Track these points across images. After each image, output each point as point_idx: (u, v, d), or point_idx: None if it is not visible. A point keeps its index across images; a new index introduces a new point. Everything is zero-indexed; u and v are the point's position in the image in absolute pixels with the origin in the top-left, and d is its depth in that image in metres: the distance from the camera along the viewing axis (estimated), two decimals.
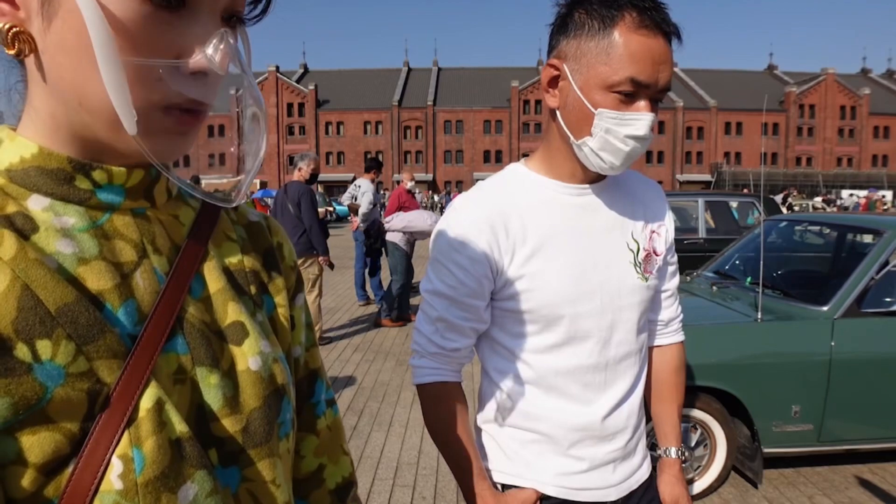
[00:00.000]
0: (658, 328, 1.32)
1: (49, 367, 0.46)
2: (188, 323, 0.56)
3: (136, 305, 0.53)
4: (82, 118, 0.51)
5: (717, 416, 3.22)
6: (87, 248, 0.52)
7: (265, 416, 0.59)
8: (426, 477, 3.47)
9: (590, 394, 1.14)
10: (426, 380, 1.17)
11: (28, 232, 0.50)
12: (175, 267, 0.58)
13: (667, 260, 1.25)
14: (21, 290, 0.46)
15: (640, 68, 0.99)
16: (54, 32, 0.48)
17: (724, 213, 8.02)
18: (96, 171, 0.54)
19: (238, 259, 0.66)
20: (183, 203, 0.64)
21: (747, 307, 3.49)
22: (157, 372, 0.52)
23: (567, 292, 1.10)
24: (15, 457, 0.44)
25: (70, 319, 0.48)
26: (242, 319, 0.60)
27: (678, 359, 1.33)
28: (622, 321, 1.15)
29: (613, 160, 1.05)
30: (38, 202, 0.52)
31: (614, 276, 1.14)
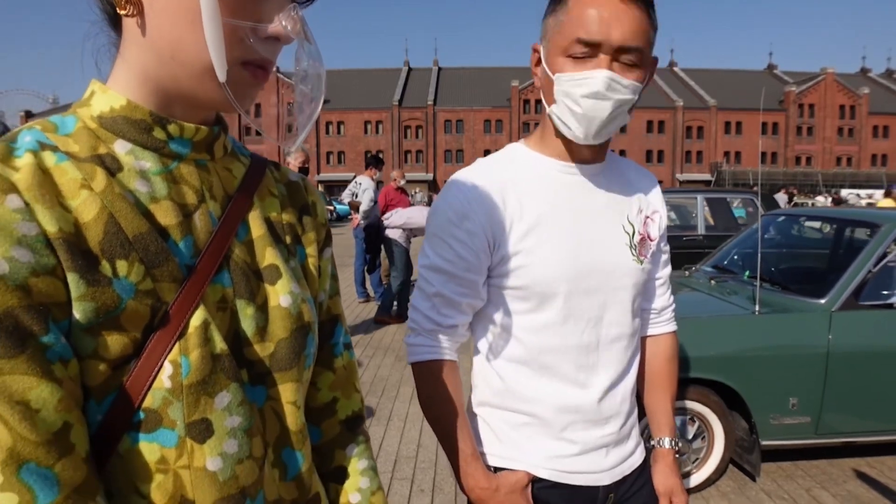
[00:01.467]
0: (651, 317, 1.32)
1: (124, 283, 0.56)
2: (233, 261, 0.66)
3: (193, 241, 0.63)
4: (172, 70, 0.60)
5: (715, 409, 3.22)
6: (159, 189, 0.62)
7: (291, 346, 0.68)
8: (425, 470, 3.48)
9: (582, 375, 1.14)
10: (421, 357, 1.16)
11: (114, 170, 0.60)
12: (226, 212, 0.68)
13: (660, 247, 1.26)
14: (107, 218, 0.57)
15: (585, 28, 1.01)
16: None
17: (724, 211, 8.03)
18: (171, 125, 0.64)
19: (277, 212, 0.76)
20: (236, 159, 0.74)
21: (745, 300, 3.49)
22: (206, 298, 0.62)
23: (562, 269, 1.10)
24: (92, 352, 0.55)
25: (143, 246, 0.58)
26: (277, 263, 0.70)
27: (671, 348, 1.34)
28: (616, 302, 1.15)
29: (576, 124, 1.05)
30: (123, 146, 0.62)
31: (610, 255, 1.14)
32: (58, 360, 0.52)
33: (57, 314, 0.52)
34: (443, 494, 3.22)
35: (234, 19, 0.58)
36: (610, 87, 1.01)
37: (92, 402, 0.55)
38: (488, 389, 1.20)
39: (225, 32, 0.57)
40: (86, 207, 0.56)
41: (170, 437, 0.58)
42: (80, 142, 0.60)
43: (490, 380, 1.19)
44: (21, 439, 0.48)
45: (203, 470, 0.60)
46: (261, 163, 0.78)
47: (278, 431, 0.69)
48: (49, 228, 0.53)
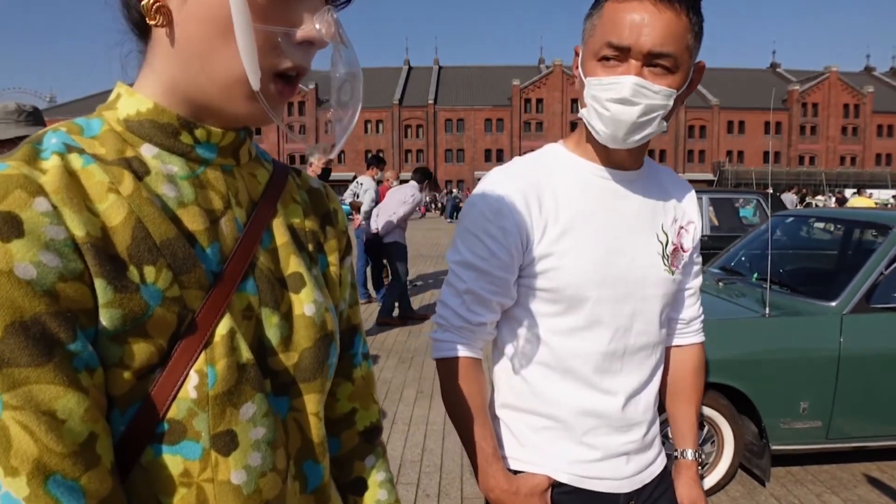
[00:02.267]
0: (679, 327, 1.31)
1: (152, 289, 0.55)
2: (258, 269, 0.65)
3: (220, 247, 0.62)
4: (200, 82, 0.60)
5: (725, 413, 3.18)
6: (186, 194, 0.61)
7: (315, 356, 0.67)
8: (430, 475, 3.44)
9: (606, 381, 1.13)
10: (448, 354, 1.14)
11: (142, 174, 0.59)
12: (251, 219, 0.67)
13: (692, 258, 1.25)
14: (135, 223, 0.55)
15: (616, 32, 1.01)
16: (191, 6, 0.57)
17: (729, 211, 7.99)
18: (198, 129, 0.63)
19: (300, 219, 0.75)
20: (260, 165, 0.74)
21: (754, 303, 3.45)
22: (231, 306, 0.61)
23: (593, 275, 1.09)
24: (118, 360, 0.53)
25: (171, 252, 0.57)
26: (301, 271, 0.69)
27: (697, 359, 1.32)
28: (644, 311, 1.14)
29: (602, 127, 1.05)
30: (149, 150, 0.61)
31: (641, 264, 1.13)
32: (84, 369, 0.51)
33: (84, 321, 0.51)
34: (448, 499, 3.19)
35: (266, 24, 0.57)
36: (637, 93, 1.00)
37: (116, 411, 0.54)
38: (510, 391, 1.19)
39: (256, 39, 0.56)
40: (113, 211, 0.55)
41: (194, 449, 0.57)
42: (106, 144, 0.59)
43: (512, 381, 1.18)
44: (47, 451, 0.47)
45: (227, 483, 0.58)
46: (283, 169, 0.77)
47: (300, 443, 0.68)
48: (77, 232, 0.52)
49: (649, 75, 1.01)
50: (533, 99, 65.94)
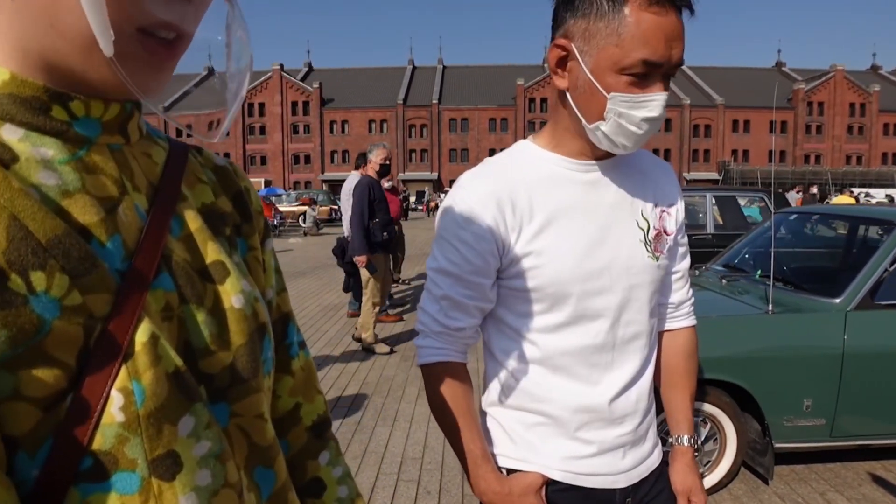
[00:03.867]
0: (668, 311, 1.28)
1: (44, 299, 0.44)
2: (173, 261, 0.56)
3: (122, 241, 0.52)
4: (54, 42, 0.47)
5: (728, 411, 3.16)
6: (70, 181, 0.50)
7: (251, 352, 0.59)
8: (431, 472, 3.43)
9: (597, 374, 1.11)
10: (430, 360, 1.14)
11: (8, 161, 0.47)
12: (154, 205, 0.56)
13: (677, 240, 1.22)
14: (9, 220, 0.44)
15: (652, 49, 0.95)
16: None
17: (733, 210, 7.96)
18: (74, 101, 0.51)
19: (211, 200, 0.65)
20: (153, 143, 0.62)
21: (758, 300, 3.43)
22: (148, 308, 0.51)
23: (575, 270, 1.06)
24: (12, 392, 0.43)
25: (62, 252, 0.46)
26: (222, 259, 0.60)
27: (690, 343, 1.29)
28: (631, 300, 1.11)
29: (627, 143, 1.02)
30: (13, 132, 0.49)
31: (623, 253, 1.10)
32: None
33: None
34: (449, 496, 3.18)
35: None
36: (664, 109, 1.00)
37: (22, 454, 0.44)
38: (501, 390, 1.17)
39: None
40: None
41: (130, 480, 0.47)
42: None
43: (503, 380, 1.16)
44: None
45: None
46: (181, 147, 0.67)
47: (247, 450, 0.60)
48: None
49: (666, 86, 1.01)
50: (537, 98, 65.87)
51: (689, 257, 1.29)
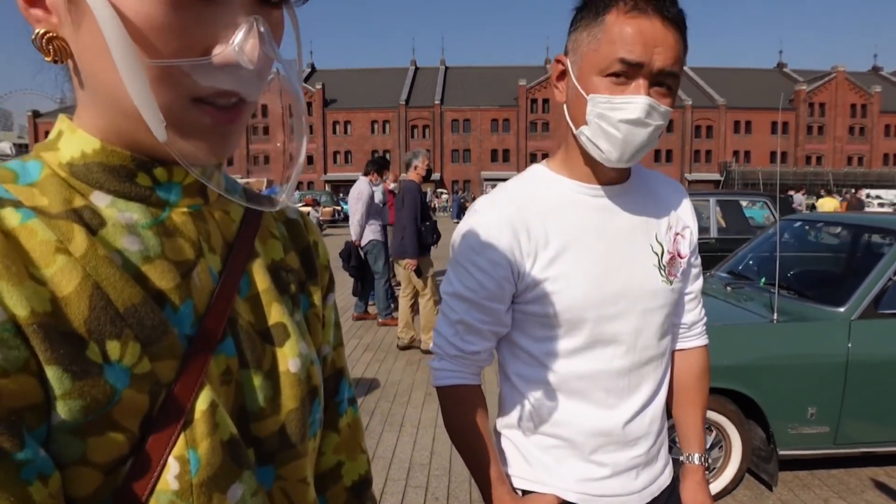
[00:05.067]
0: (681, 331, 1.30)
1: (117, 368, 0.46)
2: (238, 325, 0.57)
3: (193, 306, 0.53)
4: (126, 122, 0.50)
5: (733, 418, 3.19)
6: (152, 246, 0.52)
7: (301, 417, 0.60)
8: (439, 477, 3.46)
9: (613, 398, 1.13)
10: (445, 382, 1.16)
11: (96, 227, 0.50)
12: (227, 266, 0.58)
13: (690, 262, 1.23)
14: (92, 289, 0.46)
15: (629, 48, 0.97)
16: (83, 35, 0.46)
17: (736, 213, 7.97)
18: (157, 168, 0.54)
19: (280, 257, 0.67)
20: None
21: (762, 308, 3.46)
22: (209, 373, 0.52)
23: (590, 296, 1.08)
24: (79, 457, 0.45)
25: (137, 320, 0.48)
26: (284, 321, 0.61)
27: (702, 362, 1.31)
28: (646, 325, 1.13)
29: (610, 148, 1.02)
30: (101, 198, 0.51)
31: (638, 279, 1.12)
32: (36, 478, 0.42)
33: (32, 420, 0.42)
34: (458, 502, 3.21)
35: (163, 58, 0.45)
36: (649, 115, 0.99)
37: None
38: (516, 412, 1.19)
39: (154, 76, 0.45)
40: (64, 277, 0.45)
41: None
42: (49, 193, 0.49)
43: (518, 402, 1.18)
44: None
45: None
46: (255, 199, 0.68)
47: None
48: (19, 311, 0.42)
49: (655, 94, 0.99)
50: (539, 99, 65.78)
51: (702, 278, 1.31)
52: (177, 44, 0.45)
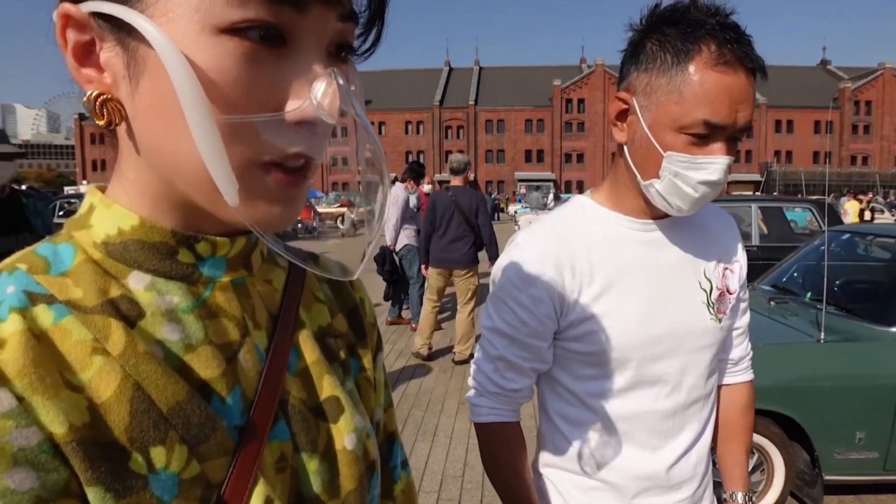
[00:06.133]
0: (728, 367, 1.26)
1: (164, 477, 0.42)
2: (289, 405, 0.53)
3: (242, 392, 0.49)
4: (179, 187, 0.46)
5: (776, 441, 3.09)
6: (194, 332, 0.48)
7: (360, 497, 0.56)
8: (471, 491, 3.43)
9: (657, 440, 1.09)
10: (484, 419, 1.14)
11: (134, 318, 0.46)
12: (274, 342, 0.54)
13: (739, 297, 1.19)
14: (133, 391, 0.43)
15: (715, 109, 0.92)
16: (142, 95, 0.43)
17: (778, 219, 7.75)
18: (200, 243, 0.49)
19: (328, 322, 0.62)
20: (274, 265, 0.60)
21: (808, 325, 3.34)
22: (263, 464, 0.48)
23: (636, 335, 1.05)
24: None
25: (183, 420, 0.44)
26: (337, 394, 0.57)
27: (747, 398, 1.27)
28: (693, 364, 1.09)
29: (681, 204, 0.99)
30: (139, 280, 0.47)
31: (686, 317, 1.08)
32: None
33: None
34: None
35: (237, 114, 0.42)
36: (725, 173, 0.95)
37: None
38: (556, 451, 1.16)
39: (226, 133, 0.41)
40: (102, 381, 0.42)
41: None
42: (83, 283, 0.45)
43: (558, 442, 1.15)
44: None
45: None
46: (300, 258, 0.63)
47: None
48: (56, 429, 0.39)
49: (731, 149, 0.97)
50: (574, 99, 65.23)
51: (749, 312, 1.27)
52: (249, 99, 0.42)
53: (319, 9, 0.43)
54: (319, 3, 0.43)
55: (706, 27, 0.93)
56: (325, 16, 0.44)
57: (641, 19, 1.02)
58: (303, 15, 0.42)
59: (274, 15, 0.41)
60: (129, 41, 0.42)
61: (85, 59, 0.44)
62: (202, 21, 0.40)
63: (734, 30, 0.93)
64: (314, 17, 0.43)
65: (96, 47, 0.44)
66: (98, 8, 0.42)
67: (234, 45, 0.41)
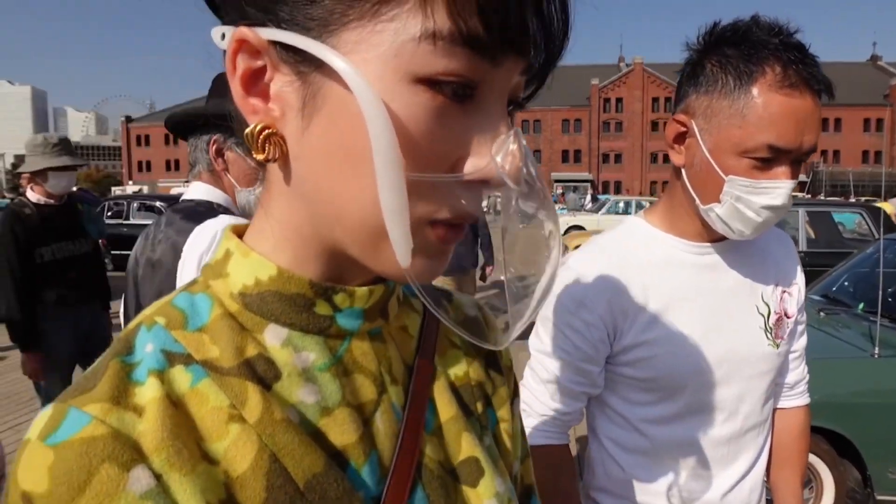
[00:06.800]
0: (783, 390, 1.21)
1: None
2: (426, 468, 0.48)
3: (378, 458, 0.46)
4: (334, 234, 0.43)
5: (825, 458, 2.98)
6: (330, 394, 0.45)
7: None
8: None
9: (712, 468, 1.06)
10: (534, 442, 1.11)
11: (270, 380, 0.43)
12: (409, 398, 0.50)
13: (797, 320, 1.15)
14: (269, 464, 0.40)
15: (780, 133, 0.88)
16: (314, 135, 0.40)
17: (827, 224, 7.49)
18: (338, 294, 0.46)
19: (464, 371, 0.57)
20: (410, 308, 0.55)
21: (861, 338, 3.21)
22: None
23: (690, 361, 1.01)
24: None
25: (320, 494, 0.41)
26: (476, 454, 0.51)
27: (803, 423, 1.23)
28: (750, 391, 1.06)
29: (743, 229, 0.96)
30: (276, 335, 0.44)
31: (743, 342, 1.05)
32: None
33: None
34: None
35: (423, 171, 0.39)
36: (790, 198, 0.92)
37: None
38: (607, 476, 1.13)
39: (409, 189, 0.38)
40: (238, 451, 0.39)
41: None
42: (220, 341, 0.43)
43: (609, 467, 1.12)
44: None
45: None
46: (434, 298, 0.58)
47: None
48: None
49: (795, 173, 0.93)
50: (612, 98, 64.47)
51: (806, 335, 1.23)
52: (434, 155, 0.39)
53: (510, 63, 0.39)
54: (511, 57, 0.39)
55: (769, 48, 0.90)
56: (513, 70, 0.40)
57: (699, 38, 0.98)
58: (496, 69, 0.39)
59: (472, 69, 0.37)
60: (313, 75, 0.39)
61: (251, 87, 0.41)
62: (401, 68, 0.37)
63: (799, 50, 0.90)
64: (504, 71, 0.39)
65: (265, 76, 0.41)
66: (285, 38, 0.38)
67: (430, 96, 0.37)
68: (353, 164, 0.39)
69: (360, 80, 0.36)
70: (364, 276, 0.48)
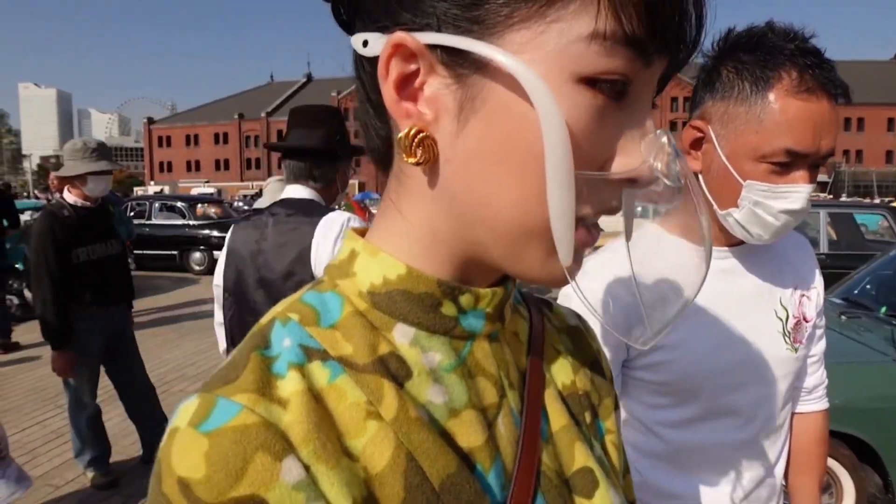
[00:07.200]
0: (802, 395, 1.21)
1: None
2: (544, 477, 0.47)
3: (502, 463, 0.44)
4: (476, 236, 0.42)
5: (845, 463, 2.95)
6: (457, 395, 0.44)
7: None
8: None
9: (729, 472, 1.06)
10: None
11: (402, 379, 0.42)
12: (526, 403, 0.49)
13: (816, 324, 1.15)
14: (406, 462, 0.39)
15: (798, 138, 0.89)
16: (470, 136, 0.39)
17: (848, 225, 7.38)
18: (464, 294, 0.45)
19: (571, 379, 0.56)
20: (519, 314, 0.54)
21: (882, 342, 3.17)
22: None
23: (707, 365, 1.02)
24: None
25: (454, 495, 0.40)
26: (590, 464, 0.50)
27: (821, 428, 1.22)
28: (768, 396, 1.06)
29: (762, 233, 0.96)
30: (404, 334, 0.44)
31: (761, 347, 1.05)
32: None
33: None
34: None
35: (584, 169, 0.39)
36: (808, 201, 0.92)
37: None
38: None
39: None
40: (377, 448, 0.39)
41: None
42: (352, 338, 0.42)
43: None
44: None
45: None
46: (535, 304, 0.58)
47: None
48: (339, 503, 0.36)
49: (813, 176, 0.94)
50: None
51: (825, 339, 1.22)
52: (592, 154, 0.39)
53: (659, 62, 0.40)
54: (661, 57, 0.39)
55: (785, 53, 0.90)
56: (659, 69, 0.41)
57: (714, 44, 0.99)
58: (647, 68, 0.39)
59: (630, 69, 0.38)
60: (472, 78, 0.39)
61: (402, 91, 0.41)
62: (566, 68, 0.37)
63: (815, 55, 0.90)
64: (653, 70, 0.40)
65: (416, 80, 0.40)
66: (448, 42, 0.38)
67: (591, 95, 0.38)
68: (513, 165, 0.38)
69: (535, 78, 0.36)
70: (487, 280, 0.47)
